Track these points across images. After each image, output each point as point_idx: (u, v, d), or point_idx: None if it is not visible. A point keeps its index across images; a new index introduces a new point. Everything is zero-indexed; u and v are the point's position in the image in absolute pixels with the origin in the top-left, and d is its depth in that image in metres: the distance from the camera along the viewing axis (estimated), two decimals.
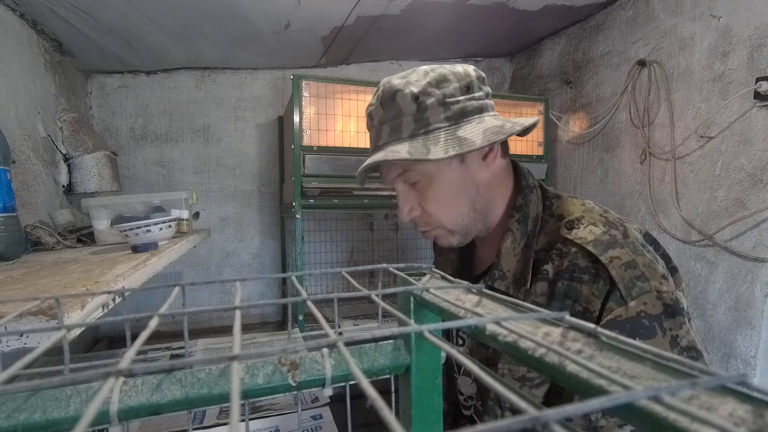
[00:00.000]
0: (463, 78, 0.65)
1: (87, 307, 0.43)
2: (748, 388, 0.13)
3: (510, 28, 1.87)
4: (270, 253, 2.15)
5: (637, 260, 0.57)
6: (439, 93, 0.63)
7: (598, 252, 0.58)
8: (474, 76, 0.66)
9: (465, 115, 0.64)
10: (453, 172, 0.67)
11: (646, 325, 0.54)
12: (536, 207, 0.68)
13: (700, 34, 1.34)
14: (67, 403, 0.22)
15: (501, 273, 0.67)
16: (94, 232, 1.14)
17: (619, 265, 0.57)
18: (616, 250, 0.58)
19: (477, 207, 0.68)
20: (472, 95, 0.65)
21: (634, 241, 0.60)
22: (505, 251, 0.67)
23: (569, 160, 1.93)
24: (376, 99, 0.68)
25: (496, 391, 0.14)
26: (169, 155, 2.01)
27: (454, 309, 0.26)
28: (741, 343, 1.22)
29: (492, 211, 0.70)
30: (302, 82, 1.48)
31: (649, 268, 0.57)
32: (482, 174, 0.67)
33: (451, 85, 0.64)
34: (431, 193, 0.67)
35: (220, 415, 0.99)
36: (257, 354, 0.18)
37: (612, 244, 0.59)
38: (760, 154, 1.17)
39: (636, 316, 0.55)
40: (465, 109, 0.64)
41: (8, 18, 1.27)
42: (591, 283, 0.58)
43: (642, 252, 0.59)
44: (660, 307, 0.55)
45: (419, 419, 0.32)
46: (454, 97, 0.64)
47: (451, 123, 0.64)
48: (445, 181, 0.66)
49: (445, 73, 0.64)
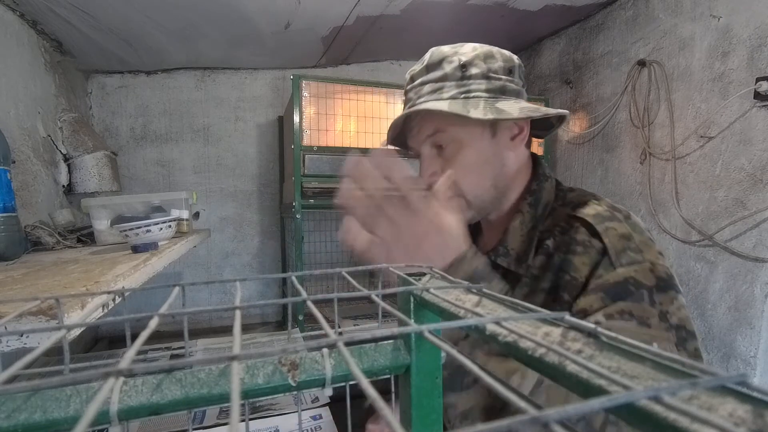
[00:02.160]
0: (508, 60, 0.68)
1: (87, 307, 0.43)
2: (748, 388, 0.13)
3: (510, 28, 1.87)
4: (270, 253, 2.15)
5: (633, 235, 0.59)
6: (485, 66, 0.66)
7: (596, 222, 0.60)
8: (517, 63, 0.68)
9: (504, 93, 0.67)
10: (483, 142, 0.68)
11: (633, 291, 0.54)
12: (549, 194, 0.71)
13: (700, 34, 1.34)
14: (67, 403, 0.22)
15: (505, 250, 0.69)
16: (94, 232, 1.14)
17: (614, 235, 0.58)
18: (614, 222, 0.60)
19: (498, 185, 0.71)
20: (512, 79, 0.67)
21: (635, 223, 0.61)
22: (512, 230, 0.69)
23: (569, 160, 1.93)
24: (420, 63, 0.71)
25: (496, 391, 0.14)
26: (169, 155, 2.01)
27: (454, 309, 0.26)
28: (741, 343, 1.22)
29: (508, 194, 0.73)
30: (302, 82, 1.48)
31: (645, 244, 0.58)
32: (509, 153, 0.70)
33: (497, 63, 0.67)
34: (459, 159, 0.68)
35: (220, 415, 0.99)
36: (257, 354, 0.18)
37: (611, 218, 0.61)
38: (760, 154, 1.17)
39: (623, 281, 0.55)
40: (505, 87, 0.66)
41: (8, 18, 1.27)
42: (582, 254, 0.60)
43: (641, 231, 0.60)
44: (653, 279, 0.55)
45: (419, 419, 0.32)
46: (497, 74, 0.66)
47: (491, 95, 0.66)
48: (474, 149, 0.68)
49: (493, 51, 0.67)
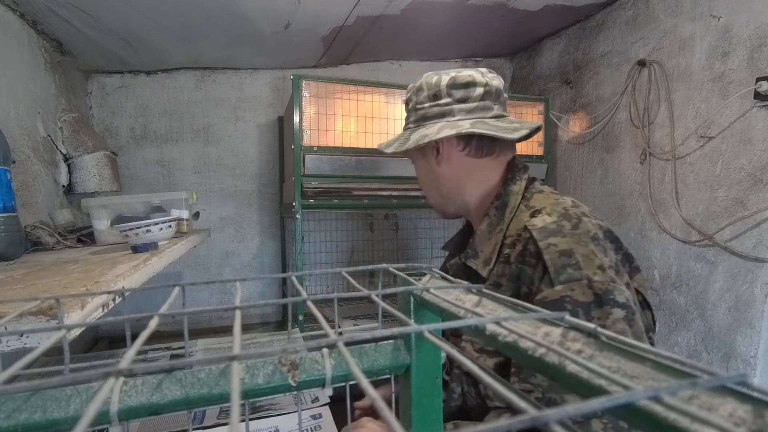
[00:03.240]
0: (432, 87, 0.77)
1: (87, 307, 0.43)
2: (748, 388, 0.13)
3: (510, 28, 1.87)
4: (270, 253, 2.15)
5: (575, 249, 0.61)
6: (415, 99, 0.80)
7: (540, 238, 0.64)
8: (444, 85, 0.76)
9: (426, 119, 0.78)
10: (419, 162, 0.85)
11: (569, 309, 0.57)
12: (516, 197, 0.76)
13: (700, 34, 1.34)
14: (67, 403, 0.22)
15: (474, 252, 0.76)
16: (94, 232, 1.14)
17: (554, 252, 0.62)
18: (557, 238, 0.63)
19: (443, 193, 0.83)
20: (437, 102, 0.77)
21: (582, 233, 0.64)
22: (480, 233, 0.77)
23: (569, 160, 1.93)
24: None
25: (495, 391, 0.14)
26: (169, 155, 2.01)
27: (454, 309, 0.26)
28: (741, 343, 1.22)
29: (463, 198, 0.82)
30: (302, 82, 1.48)
31: (586, 258, 0.61)
32: (440, 167, 0.81)
33: (423, 94, 0.79)
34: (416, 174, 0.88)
35: (220, 415, 0.99)
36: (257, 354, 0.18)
37: (555, 232, 0.64)
38: (760, 154, 1.17)
39: (559, 299, 0.59)
40: (426, 114, 0.78)
41: (8, 18, 1.27)
42: (534, 267, 0.64)
43: (586, 243, 0.62)
44: (591, 295, 0.58)
45: (419, 419, 0.32)
46: (422, 105, 0.79)
47: (416, 125, 0.80)
48: (417, 167, 0.87)
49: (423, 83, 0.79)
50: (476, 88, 0.75)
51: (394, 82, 1.61)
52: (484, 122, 0.75)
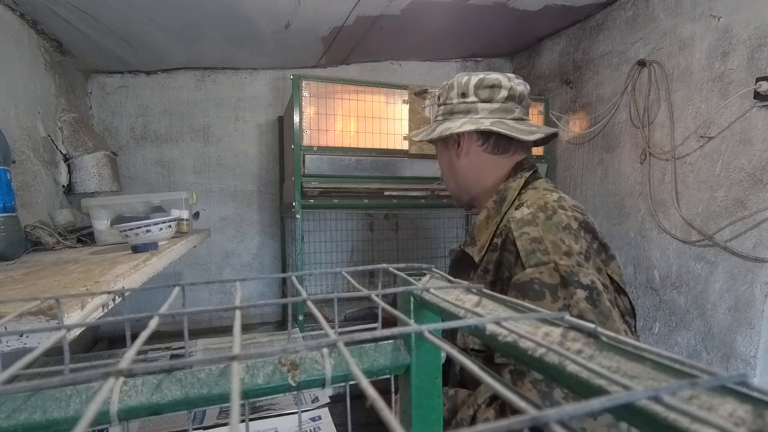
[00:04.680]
0: (462, 86, 0.85)
1: (87, 307, 0.43)
2: (748, 388, 0.13)
3: (510, 28, 1.87)
4: (270, 253, 2.15)
5: (544, 237, 0.68)
6: (446, 95, 0.88)
7: (515, 228, 0.72)
8: (472, 84, 0.84)
9: (453, 113, 0.86)
10: (442, 153, 0.93)
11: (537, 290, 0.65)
12: (513, 193, 0.82)
13: (700, 34, 1.34)
14: (67, 403, 0.22)
15: (471, 240, 0.83)
16: (94, 232, 1.14)
17: (526, 239, 0.69)
18: (530, 227, 0.70)
19: (459, 183, 0.91)
20: (464, 100, 0.85)
21: (554, 223, 0.70)
22: (477, 223, 0.84)
23: (569, 160, 1.93)
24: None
25: (496, 391, 0.14)
26: (169, 155, 2.01)
27: (454, 309, 0.26)
28: (741, 343, 1.22)
29: (474, 190, 0.89)
30: (302, 82, 1.48)
31: (554, 244, 0.67)
32: (459, 159, 0.88)
33: (453, 91, 0.87)
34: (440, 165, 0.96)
35: (220, 415, 0.99)
36: (257, 354, 0.18)
37: (529, 222, 0.71)
38: (760, 154, 1.17)
39: (529, 281, 0.66)
40: (453, 109, 0.86)
41: (8, 18, 1.27)
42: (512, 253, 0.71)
43: (555, 232, 0.69)
44: (557, 278, 0.65)
45: (419, 419, 0.32)
46: (451, 101, 0.87)
47: (444, 118, 0.88)
48: (440, 158, 0.95)
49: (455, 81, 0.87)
50: (501, 90, 0.83)
51: (394, 82, 1.61)
52: (504, 122, 0.82)
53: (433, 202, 1.70)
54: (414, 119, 1.58)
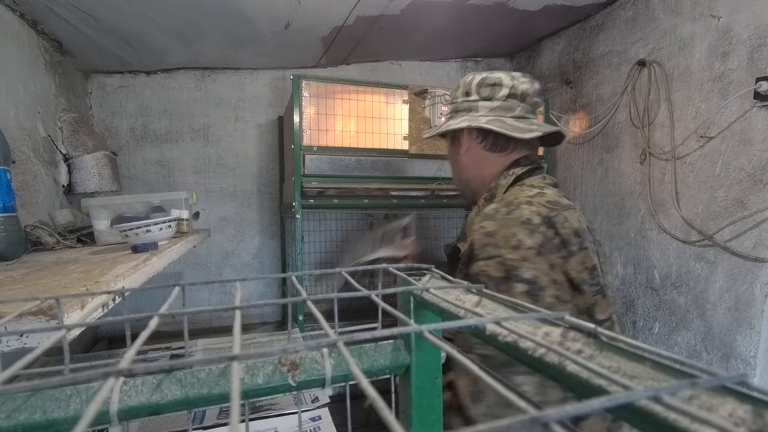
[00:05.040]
0: (466, 85, 0.88)
1: (87, 307, 0.43)
2: (748, 388, 0.13)
3: (510, 28, 1.87)
4: (270, 253, 2.15)
5: (498, 232, 0.70)
6: (453, 95, 0.92)
7: (478, 221, 0.74)
8: (474, 83, 0.86)
9: (457, 112, 0.89)
10: (449, 149, 0.95)
11: (484, 281, 0.67)
12: (501, 190, 0.84)
13: (700, 34, 1.34)
14: (67, 403, 0.22)
15: (463, 236, 0.85)
16: (94, 232, 1.14)
17: (482, 233, 0.71)
18: (488, 221, 0.72)
19: (462, 178, 0.93)
20: (467, 98, 0.87)
21: (512, 219, 0.71)
22: (469, 219, 0.87)
23: (569, 160, 1.93)
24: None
25: (496, 391, 0.14)
26: (169, 155, 2.01)
27: (454, 309, 0.26)
28: (741, 343, 1.22)
29: (474, 185, 0.91)
30: (302, 82, 1.48)
31: (505, 238, 0.69)
32: (461, 156, 0.91)
33: (458, 90, 0.90)
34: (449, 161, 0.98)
35: (220, 415, 0.99)
36: (257, 354, 0.18)
37: (490, 217, 0.73)
38: (760, 154, 1.17)
39: (479, 273, 0.69)
40: (458, 107, 0.89)
41: (8, 18, 1.27)
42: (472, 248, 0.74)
43: (510, 226, 0.70)
44: (502, 271, 0.67)
45: (419, 419, 0.32)
46: (456, 100, 0.90)
47: (450, 117, 0.92)
48: (448, 154, 0.97)
49: (462, 81, 0.90)
50: (502, 88, 0.83)
51: (394, 82, 1.61)
52: (502, 120, 0.83)
53: (433, 202, 1.70)
54: (414, 119, 1.58)
